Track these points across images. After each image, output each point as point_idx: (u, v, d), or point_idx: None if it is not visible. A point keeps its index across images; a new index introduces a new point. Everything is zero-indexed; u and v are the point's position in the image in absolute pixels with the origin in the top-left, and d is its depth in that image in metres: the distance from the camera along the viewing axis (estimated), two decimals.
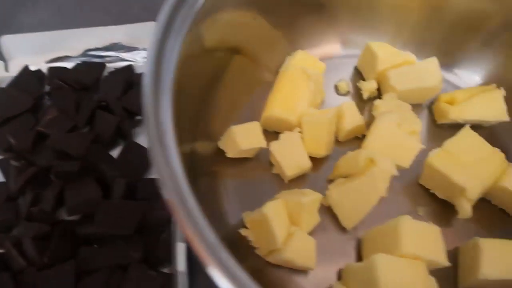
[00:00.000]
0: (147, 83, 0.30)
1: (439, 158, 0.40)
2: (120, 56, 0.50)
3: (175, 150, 0.29)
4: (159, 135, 0.29)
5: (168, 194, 0.25)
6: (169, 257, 0.38)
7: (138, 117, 0.46)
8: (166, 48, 0.31)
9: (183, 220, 0.25)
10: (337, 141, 0.45)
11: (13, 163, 0.41)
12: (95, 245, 0.37)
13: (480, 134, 0.42)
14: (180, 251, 0.36)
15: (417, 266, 0.33)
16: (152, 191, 0.41)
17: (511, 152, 0.44)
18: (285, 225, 0.37)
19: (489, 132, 0.46)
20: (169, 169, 0.28)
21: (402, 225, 0.34)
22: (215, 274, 0.25)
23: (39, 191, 0.39)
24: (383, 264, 0.32)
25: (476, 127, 0.46)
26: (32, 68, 0.48)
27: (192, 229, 0.26)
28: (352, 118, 0.44)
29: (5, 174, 0.42)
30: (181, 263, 0.36)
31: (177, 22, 0.32)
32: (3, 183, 0.41)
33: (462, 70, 0.49)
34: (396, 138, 0.40)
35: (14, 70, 0.49)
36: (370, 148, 0.40)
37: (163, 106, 0.30)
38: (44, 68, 0.49)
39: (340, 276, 0.39)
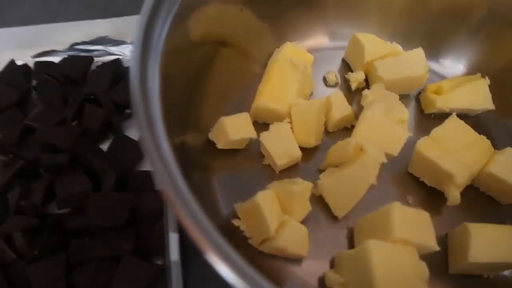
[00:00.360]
0: (134, 76, 0.30)
1: (427, 146, 0.40)
2: (107, 50, 0.50)
3: (166, 142, 0.29)
4: (150, 128, 0.28)
5: (162, 184, 0.24)
6: (161, 248, 0.37)
7: (128, 111, 0.46)
8: (151, 40, 0.31)
9: (179, 209, 0.25)
10: (327, 132, 0.46)
11: (1, 157, 0.41)
12: (86, 238, 0.37)
13: (467, 123, 0.43)
14: (173, 241, 0.36)
15: (408, 251, 0.34)
16: (142, 183, 0.41)
17: (497, 139, 0.46)
18: (277, 214, 0.37)
19: (475, 121, 0.47)
20: (161, 161, 0.28)
21: (393, 211, 0.34)
22: (213, 259, 0.25)
23: (28, 184, 0.39)
24: (375, 249, 0.32)
25: (463, 116, 0.47)
26: (19, 62, 0.47)
27: (188, 217, 0.26)
28: (341, 108, 0.44)
29: None
30: (174, 253, 0.36)
31: (162, 14, 0.32)
32: None
33: (447, 60, 0.51)
34: (384, 127, 0.41)
35: (0, 64, 0.48)
36: (359, 137, 0.40)
37: (151, 98, 0.30)
38: (30, 62, 0.48)
39: (332, 264, 0.39)
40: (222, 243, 0.26)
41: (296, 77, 0.44)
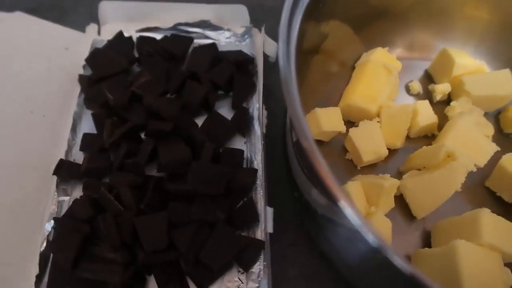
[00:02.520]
0: (283, 60, 0.31)
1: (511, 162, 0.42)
2: (205, 33, 0.53)
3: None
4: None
5: (307, 144, 0.26)
6: (248, 222, 0.40)
7: (220, 92, 0.49)
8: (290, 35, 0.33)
9: (318, 161, 0.26)
10: (407, 137, 0.48)
11: (107, 119, 0.44)
12: (184, 202, 0.39)
13: None
14: (269, 214, 0.38)
15: (494, 256, 0.35)
16: (233, 159, 0.43)
17: None
18: (363, 204, 0.39)
19: None
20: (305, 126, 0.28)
21: (483, 216, 0.36)
22: (342, 204, 0.25)
23: (132, 146, 0.42)
24: (464, 249, 0.34)
25: None
26: (125, 34, 0.51)
27: (326, 170, 0.26)
28: (426, 116, 0.46)
29: (98, 127, 0.44)
30: (269, 225, 0.38)
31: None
32: (95, 134, 0.44)
33: None
34: (473, 138, 0.42)
35: (106, 35, 0.52)
36: (447, 145, 0.42)
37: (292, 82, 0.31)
38: (134, 36, 0.51)
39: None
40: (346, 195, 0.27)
41: (388, 80, 0.46)
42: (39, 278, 0.36)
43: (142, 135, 0.44)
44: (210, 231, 0.38)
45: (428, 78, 0.53)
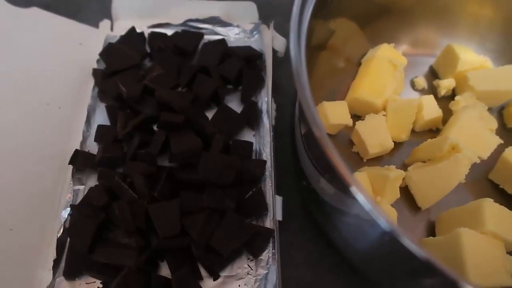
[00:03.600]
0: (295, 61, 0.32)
1: None
2: (214, 29, 0.54)
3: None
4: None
5: (318, 133, 0.27)
6: (256, 210, 0.41)
7: (229, 86, 0.50)
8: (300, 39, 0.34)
9: (330, 149, 0.27)
10: (413, 131, 0.49)
11: (120, 111, 0.45)
12: (195, 191, 0.40)
13: None
14: (278, 203, 0.40)
15: (497, 244, 0.36)
16: (243, 150, 0.44)
17: None
18: (369, 194, 0.40)
19: None
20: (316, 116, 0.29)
21: (486, 206, 0.37)
22: (354, 189, 0.26)
23: (145, 137, 0.43)
24: (468, 237, 0.35)
25: None
26: (137, 30, 0.52)
27: (337, 158, 0.27)
28: (431, 110, 0.47)
29: (111, 119, 0.46)
30: (278, 213, 0.39)
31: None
32: (109, 126, 0.45)
33: None
34: (477, 131, 0.43)
35: (118, 30, 0.53)
36: (452, 137, 0.43)
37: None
38: (146, 32, 0.53)
39: None
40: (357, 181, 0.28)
41: (394, 75, 0.47)
42: (56, 262, 0.38)
43: (155, 127, 0.45)
44: (220, 219, 0.39)
45: (433, 74, 0.54)
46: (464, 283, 0.23)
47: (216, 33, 0.54)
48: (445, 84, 0.50)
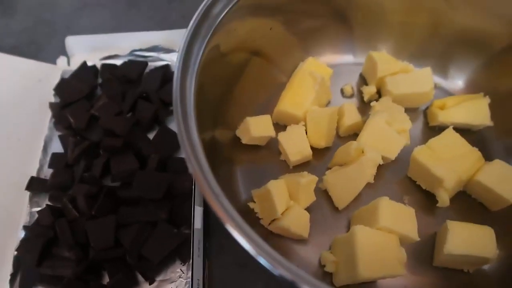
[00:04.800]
0: (176, 83, 0.37)
1: (422, 153, 0.46)
2: (159, 56, 0.60)
3: (197, 135, 0.36)
4: (185, 124, 0.36)
5: (192, 169, 0.32)
6: (189, 220, 0.46)
7: (171, 108, 0.55)
8: (192, 52, 0.40)
9: (204, 187, 0.32)
10: (339, 136, 0.53)
11: (71, 138, 0.51)
12: (131, 206, 0.46)
13: (470, 138, 0.48)
14: (198, 213, 0.45)
15: (391, 238, 0.40)
16: (179, 167, 0.49)
17: (496, 155, 0.50)
18: (285, 199, 0.44)
19: (478, 136, 0.52)
20: (192, 150, 0.35)
21: (381, 204, 0.41)
22: (230, 229, 0.31)
23: (90, 161, 0.49)
24: (360, 233, 0.39)
25: (465, 131, 0.52)
26: (89, 63, 0.58)
27: (211, 195, 0.33)
28: (351, 116, 0.51)
29: (64, 147, 0.52)
30: (197, 223, 0.44)
31: (203, 29, 0.41)
32: (62, 153, 0.51)
33: (456, 80, 0.56)
34: (385, 134, 0.47)
35: (74, 65, 0.60)
36: (362, 141, 0.47)
37: (188, 101, 0.37)
38: (98, 64, 0.59)
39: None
40: (236, 215, 0.32)
41: (313, 87, 0.51)
42: (13, 276, 0.44)
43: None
44: (153, 229, 0.44)
45: (365, 81, 0.58)
46: None
47: (162, 60, 0.60)
48: (367, 90, 0.54)
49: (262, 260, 0.30)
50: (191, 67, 0.39)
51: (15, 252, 0.45)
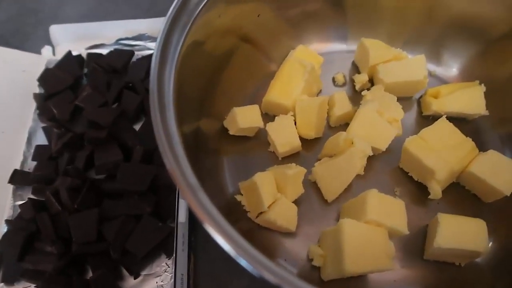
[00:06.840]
0: (153, 72, 0.35)
1: (414, 144, 0.45)
2: (146, 45, 0.58)
3: (175, 127, 0.34)
4: (162, 115, 0.34)
5: (169, 164, 0.31)
6: (174, 213, 0.45)
7: None
8: (171, 40, 0.38)
9: (180, 183, 0.31)
10: (329, 127, 0.51)
11: (55, 130, 0.50)
12: (116, 199, 0.45)
13: (465, 127, 0.47)
14: (182, 206, 0.44)
15: (379, 231, 0.39)
16: None
17: (491, 144, 0.49)
18: (272, 192, 0.43)
19: (473, 125, 0.51)
20: (169, 143, 0.33)
21: (369, 197, 0.40)
22: (209, 228, 0.30)
23: (74, 153, 0.48)
24: (348, 226, 0.38)
25: (461, 120, 0.50)
26: (74, 53, 0.57)
27: (188, 191, 0.31)
28: (342, 106, 0.49)
29: (48, 138, 0.51)
30: (182, 216, 0.43)
31: (184, 16, 0.39)
32: (47, 145, 0.50)
33: (451, 67, 0.54)
34: (375, 124, 0.45)
35: (60, 54, 0.58)
36: (352, 132, 0.45)
37: (166, 90, 0.35)
38: (84, 53, 0.58)
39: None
40: (215, 213, 0.31)
41: (303, 76, 0.49)
42: None
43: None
44: (137, 223, 0.43)
45: (357, 70, 0.56)
46: None
47: (148, 48, 0.58)
48: (359, 79, 0.52)
49: (242, 262, 0.29)
50: (170, 56, 0.37)
51: None
